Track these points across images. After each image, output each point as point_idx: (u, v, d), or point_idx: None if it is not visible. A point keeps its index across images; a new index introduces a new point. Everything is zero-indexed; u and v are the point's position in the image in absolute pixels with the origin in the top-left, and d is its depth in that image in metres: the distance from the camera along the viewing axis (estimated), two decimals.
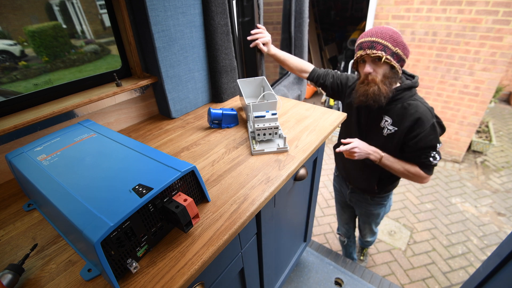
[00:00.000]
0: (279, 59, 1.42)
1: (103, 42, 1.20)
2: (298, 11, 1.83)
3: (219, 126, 1.07)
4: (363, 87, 1.13)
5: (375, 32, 1.06)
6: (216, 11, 1.10)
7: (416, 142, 1.11)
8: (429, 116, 1.09)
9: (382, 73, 1.09)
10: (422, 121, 1.08)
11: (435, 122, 1.10)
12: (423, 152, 1.12)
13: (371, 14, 3.05)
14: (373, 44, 1.05)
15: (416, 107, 1.10)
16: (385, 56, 1.04)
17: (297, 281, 1.63)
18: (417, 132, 1.10)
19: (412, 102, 1.12)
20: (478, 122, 2.97)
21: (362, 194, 1.46)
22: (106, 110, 1.04)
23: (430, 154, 1.12)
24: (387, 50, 1.04)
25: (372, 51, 1.05)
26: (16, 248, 0.62)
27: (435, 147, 1.11)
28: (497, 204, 2.61)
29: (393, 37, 1.05)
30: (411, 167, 1.17)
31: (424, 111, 1.09)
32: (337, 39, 5.19)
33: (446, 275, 2.02)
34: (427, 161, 1.14)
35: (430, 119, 1.09)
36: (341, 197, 1.69)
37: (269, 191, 0.74)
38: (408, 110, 1.11)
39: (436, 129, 1.10)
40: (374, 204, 1.46)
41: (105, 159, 0.66)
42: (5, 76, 0.94)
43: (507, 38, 2.50)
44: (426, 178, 1.18)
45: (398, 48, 1.05)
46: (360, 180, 1.40)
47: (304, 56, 1.99)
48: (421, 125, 1.09)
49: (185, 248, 0.59)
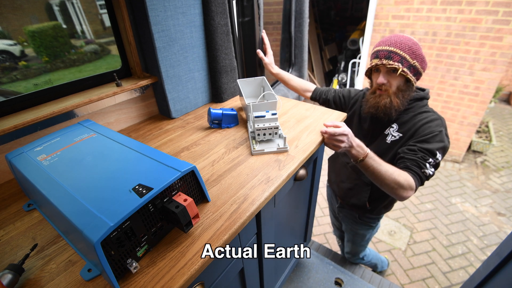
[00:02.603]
0: (282, 79, 1.42)
1: (103, 42, 1.20)
2: (298, 11, 1.83)
3: (219, 126, 1.07)
4: (374, 99, 1.07)
5: (394, 42, 1.00)
6: (216, 11, 1.10)
7: (419, 141, 1.02)
8: (439, 123, 1.03)
9: (396, 85, 1.03)
10: (430, 125, 1.02)
11: (444, 132, 1.02)
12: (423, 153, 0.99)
13: (371, 14, 3.04)
14: (390, 54, 0.99)
15: (428, 114, 1.06)
16: (402, 68, 0.97)
17: (297, 281, 1.63)
18: (422, 134, 1.02)
19: (425, 111, 1.07)
20: (478, 122, 2.97)
21: (351, 211, 1.40)
22: (106, 110, 1.04)
23: (428, 159, 0.98)
24: (405, 62, 0.98)
25: (389, 62, 0.99)
26: (16, 248, 0.62)
27: (435, 154, 0.99)
28: (497, 204, 2.61)
29: (412, 48, 0.98)
30: (401, 173, 0.96)
31: (435, 118, 1.04)
32: (337, 39, 5.18)
33: (446, 275, 2.02)
34: (423, 165, 0.98)
35: (440, 127, 1.02)
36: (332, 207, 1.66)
37: (269, 191, 0.73)
38: (418, 117, 1.06)
39: (443, 138, 1.00)
40: (362, 223, 1.40)
41: (105, 159, 0.66)
42: (5, 76, 0.94)
43: (507, 38, 2.50)
44: (410, 191, 0.98)
45: (416, 61, 0.99)
46: (351, 194, 1.32)
47: (304, 56, 1.99)
48: (428, 128, 1.02)
49: (185, 248, 0.59)
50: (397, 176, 0.95)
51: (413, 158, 0.99)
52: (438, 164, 1.01)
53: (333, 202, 1.59)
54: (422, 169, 0.97)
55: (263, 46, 1.47)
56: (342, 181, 1.35)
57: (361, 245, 1.58)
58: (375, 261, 1.82)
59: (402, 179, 0.95)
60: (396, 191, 0.97)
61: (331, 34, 5.18)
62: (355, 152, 0.96)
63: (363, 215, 1.37)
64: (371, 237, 1.51)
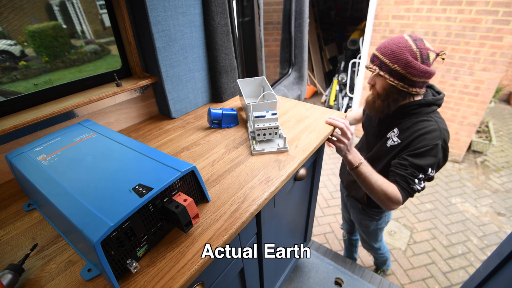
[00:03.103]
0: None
1: (103, 42, 1.20)
2: (298, 11, 1.83)
3: (219, 126, 1.07)
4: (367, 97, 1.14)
5: (381, 46, 1.01)
6: (216, 11, 1.10)
7: (411, 155, 1.01)
8: (437, 135, 0.99)
9: (380, 87, 1.05)
10: (425, 138, 1.00)
11: (440, 145, 0.98)
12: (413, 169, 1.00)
13: (371, 14, 3.04)
14: (373, 58, 1.03)
15: (428, 123, 1.02)
16: (378, 72, 1.01)
17: (297, 281, 1.63)
18: (416, 146, 1.01)
19: (427, 119, 1.03)
20: (478, 122, 2.97)
21: (355, 200, 1.43)
22: (106, 110, 1.04)
23: (418, 175, 0.99)
24: (384, 66, 1.00)
25: (370, 65, 1.04)
26: (16, 248, 0.62)
27: (426, 171, 0.98)
28: (497, 204, 2.61)
29: (395, 53, 0.97)
30: (389, 186, 1.00)
31: (434, 129, 1.00)
32: (337, 39, 5.19)
33: (446, 275, 2.02)
34: (411, 181, 0.99)
35: (437, 139, 0.98)
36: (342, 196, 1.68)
37: (269, 191, 0.73)
38: (418, 125, 1.04)
39: (437, 152, 0.98)
40: (365, 214, 1.42)
41: (105, 159, 0.66)
42: (5, 76, 0.94)
43: (507, 38, 2.50)
44: (396, 205, 1.01)
45: (398, 66, 0.97)
46: (353, 187, 1.36)
47: (304, 56, 1.99)
48: (423, 141, 1.00)
49: (185, 248, 0.59)
50: (385, 188, 1.00)
51: (403, 174, 1.01)
52: (431, 178, 1.02)
53: (343, 191, 1.60)
54: (411, 185, 1.00)
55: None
56: (348, 173, 1.39)
57: (369, 235, 1.56)
58: (388, 256, 1.83)
59: (390, 192, 0.99)
60: (383, 201, 1.02)
61: (331, 34, 5.19)
62: (351, 158, 1.04)
63: (365, 207, 1.39)
64: (378, 229, 1.49)
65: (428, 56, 0.98)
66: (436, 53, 0.99)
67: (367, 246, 1.70)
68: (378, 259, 1.85)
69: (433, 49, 0.99)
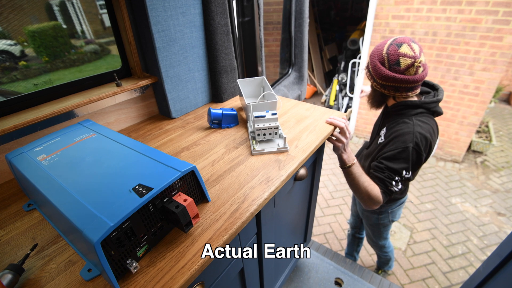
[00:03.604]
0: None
1: (103, 42, 1.20)
2: (298, 11, 1.83)
3: (219, 126, 1.07)
4: None
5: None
6: (216, 11, 1.10)
7: (384, 158, 1.06)
8: (409, 138, 1.01)
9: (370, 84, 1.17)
10: (397, 140, 1.03)
11: (411, 148, 1.00)
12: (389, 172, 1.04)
13: (371, 14, 3.04)
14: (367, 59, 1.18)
15: (404, 126, 1.05)
16: (365, 70, 1.14)
17: (297, 281, 1.63)
18: (389, 148, 1.05)
19: (406, 121, 1.06)
20: (478, 122, 2.97)
21: None
22: (106, 110, 1.04)
23: (394, 177, 1.03)
24: (367, 66, 1.13)
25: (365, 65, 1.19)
26: (16, 248, 0.62)
27: (400, 173, 1.02)
28: (497, 204, 2.61)
29: (371, 55, 1.08)
30: (373, 188, 1.04)
31: (408, 132, 1.02)
32: (337, 39, 5.19)
33: (446, 275, 2.02)
34: (389, 183, 1.04)
35: (408, 142, 1.00)
36: None
37: (269, 191, 0.73)
38: (396, 126, 1.07)
39: (408, 155, 1.00)
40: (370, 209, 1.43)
41: (105, 159, 0.66)
42: (5, 76, 0.94)
43: (507, 38, 2.50)
44: (377, 204, 1.06)
45: (370, 66, 1.09)
46: None
47: (304, 56, 1.99)
48: (395, 143, 1.03)
49: (185, 248, 0.59)
50: (370, 189, 1.05)
51: (380, 177, 1.06)
52: (408, 179, 1.06)
53: None
54: (388, 187, 1.05)
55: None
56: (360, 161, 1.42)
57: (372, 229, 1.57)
58: (392, 256, 1.83)
59: (373, 194, 1.05)
60: (365, 201, 1.08)
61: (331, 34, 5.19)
62: (346, 157, 1.07)
63: None
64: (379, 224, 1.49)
65: (398, 62, 0.98)
66: (413, 60, 0.97)
67: (372, 242, 1.71)
68: (381, 257, 1.85)
69: (413, 55, 0.97)
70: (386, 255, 1.79)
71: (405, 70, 0.99)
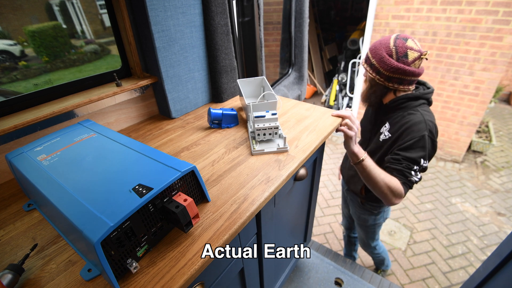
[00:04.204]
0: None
1: (103, 42, 1.20)
2: (298, 11, 1.83)
3: (219, 126, 1.07)
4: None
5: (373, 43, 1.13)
6: (216, 11, 1.10)
7: (401, 149, 1.05)
8: (422, 127, 1.03)
9: (367, 79, 1.18)
10: (412, 130, 1.04)
11: (426, 136, 1.02)
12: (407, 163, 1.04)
13: (371, 14, 3.04)
14: (366, 54, 1.15)
15: (413, 116, 1.07)
16: (363, 64, 1.14)
17: (297, 281, 1.63)
18: (405, 139, 1.05)
19: (413, 112, 1.08)
20: (478, 122, 2.97)
21: (354, 194, 1.46)
22: (106, 110, 1.04)
23: (413, 167, 1.03)
24: (367, 60, 1.12)
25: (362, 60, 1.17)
26: (16, 248, 0.62)
27: (419, 162, 1.02)
28: (497, 204, 2.61)
29: (376, 47, 1.08)
30: (392, 179, 1.03)
31: (419, 121, 1.04)
32: (337, 39, 5.19)
33: (446, 275, 2.02)
34: (408, 174, 1.03)
35: (423, 131, 1.02)
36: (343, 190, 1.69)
37: (269, 191, 0.73)
38: (404, 118, 1.09)
39: (425, 143, 1.02)
40: (364, 209, 1.44)
41: (105, 159, 0.66)
42: (5, 76, 0.94)
43: (507, 38, 2.50)
44: (399, 199, 1.05)
45: (375, 60, 1.08)
46: (352, 181, 1.40)
47: (304, 56, 1.99)
48: (410, 133, 1.04)
49: (185, 248, 0.59)
50: (388, 181, 1.02)
51: (399, 168, 1.05)
52: (425, 168, 1.06)
53: (343, 186, 1.62)
54: (408, 178, 1.04)
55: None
56: (348, 168, 1.43)
57: (367, 230, 1.57)
58: (384, 256, 1.83)
59: (393, 185, 1.02)
60: (387, 196, 1.04)
61: (331, 34, 5.19)
62: (357, 150, 1.05)
63: (364, 201, 1.41)
64: (375, 224, 1.50)
65: (406, 54, 1.02)
66: (420, 53, 1.02)
67: (364, 244, 1.71)
68: (375, 259, 1.85)
69: (418, 49, 1.03)
70: (378, 256, 1.80)
71: (411, 63, 1.03)
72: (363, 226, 1.55)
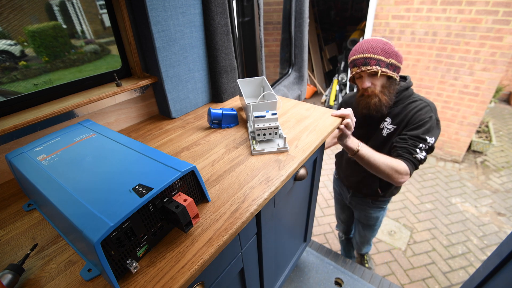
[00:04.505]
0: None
1: (103, 42, 1.20)
2: (298, 11, 1.83)
3: (219, 126, 1.07)
4: (364, 100, 1.16)
5: (366, 48, 1.09)
6: (216, 11, 1.10)
7: (408, 130, 1.11)
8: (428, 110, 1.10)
9: (380, 85, 1.12)
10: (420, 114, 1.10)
11: (433, 117, 1.10)
12: (413, 140, 1.09)
13: (371, 14, 3.05)
14: (366, 61, 1.08)
15: (416, 104, 1.14)
16: (380, 69, 1.07)
17: (297, 281, 1.63)
18: (415, 121, 1.10)
19: (413, 101, 1.15)
20: (478, 122, 2.97)
21: (364, 198, 1.46)
22: (106, 110, 1.04)
23: (418, 145, 1.07)
24: (381, 63, 1.07)
25: (367, 68, 1.08)
26: (16, 248, 0.62)
27: (425, 139, 1.07)
28: (497, 204, 2.61)
29: (384, 49, 1.07)
30: (393, 160, 1.08)
31: (424, 106, 1.12)
32: (337, 39, 5.19)
33: (446, 275, 2.02)
34: (413, 151, 1.07)
35: (430, 112, 1.10)
36: (341, 199, 1.69)
37: (269, 191, 0.73)
38: (408, 107, 1.14)
39: (433, 123, 1.09)
40: (375, 207, 1.46)
41: (105, 159, 0.66)
42: (5, 76, 0.94)
43: (507, 38, 2.50)
44: (405, 175, 1.07)
45: (392, 58, 1.08)
46: (361, 186, 1.41)
47: (304, 56, 1.99)
48: (419, 117, 1.10)
49: (185, 248, 0.59)
50: (390, 162, 1.06)
51: (404, 146, 1.10)
52: (431, 148, 1.09)
53: (343, 193, 1.62)
54: (413, 155, 1.08)
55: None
56: (350, 175, 1.42)
57: (375, 229, 1.62)
58: None
59: (396, 165, 1.06)
60: (392, 175, 1.07)
61: (331, 34, 5.19)
62: (350, 143, 1.08)
63: (376, 200, 1.42)
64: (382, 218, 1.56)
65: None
66: None
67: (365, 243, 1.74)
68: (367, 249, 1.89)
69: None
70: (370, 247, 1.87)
71: None
72: (372, 225, 1.57)
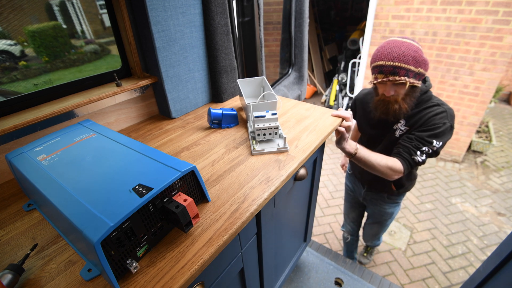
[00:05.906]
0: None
1: (103, 42, 1.20)
2: (298, 11, 1.83)
3: (219, 126, 1.07)
4: (384, 106, 1.13)
5: (397, 55, 1.00)
6: (216, 11, 1.10)
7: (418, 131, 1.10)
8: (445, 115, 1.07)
9: (403, 93, 1.08)
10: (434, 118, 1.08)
11: (448, 124, 1.07)
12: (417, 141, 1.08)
13: (371, 14, 3.05)
14: (395, 70, 1.01)
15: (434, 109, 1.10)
16: (409, 81, 1.02)
17: (297, 281, 1.63)
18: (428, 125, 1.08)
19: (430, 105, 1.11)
20: (478, 122, 2.97)
21: (379, 192, 1.46)
22: (106, 110, 1.04)
23: (422, 147, 1.07)
24: (410, 73, 1.01)
25: (395, 78, 1.02)
26: (16, 248, 0.62)
27: (431, 142, 1.06)
28: (497, 204, 2.61)
29: (415, 57, 1.00)
30: (388, 159, 1.10)
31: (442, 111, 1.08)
32: (337, 39, 5.19)
33: (446, 275, 2.02)
34: (413, 152, 1.08)
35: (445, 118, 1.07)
36: (353, 196, 1.67)
37: (269, 191, 0.73)
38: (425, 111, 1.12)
39: (445, 129, 1.06)
40: (390, 202, 1.47)
41: (105, 159, 0.66)
42: (5, 76, 0.94)
43: (507, 38, 2.50)
44: (398, 173, 1.09)
45: (421, 68, 1.02)
46: (375, 183, 1.42)
47: (304, 56, 1.99)
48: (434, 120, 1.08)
49: (185, 248, 0.59)
50: (385, 162, 1.09)
51: (407, 145, 1.10)
52: (436, 151, 1.08)
53: (357, 189, 1.61)
54: (412, 156, 1.09)
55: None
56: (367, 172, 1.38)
57: (386, 224, 1.63)
58: None
59: (390, 164, 1.08)
60: (387, 173, 1.10)
61: (331, 34, 5.19)
62: (348, 147, 1.09)
63: (391, 194, 1.43)
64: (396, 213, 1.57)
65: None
66: None
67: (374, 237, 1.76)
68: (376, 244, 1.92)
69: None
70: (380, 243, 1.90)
71: None
72: (385, 221, 1.58)
